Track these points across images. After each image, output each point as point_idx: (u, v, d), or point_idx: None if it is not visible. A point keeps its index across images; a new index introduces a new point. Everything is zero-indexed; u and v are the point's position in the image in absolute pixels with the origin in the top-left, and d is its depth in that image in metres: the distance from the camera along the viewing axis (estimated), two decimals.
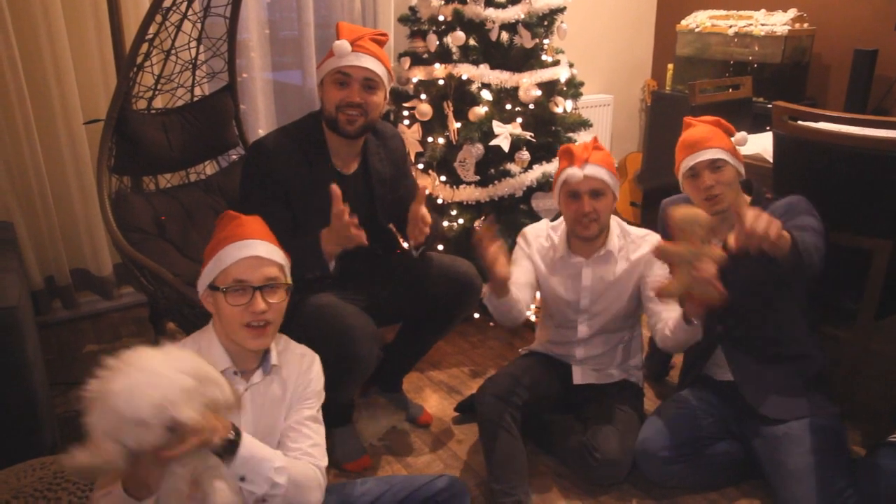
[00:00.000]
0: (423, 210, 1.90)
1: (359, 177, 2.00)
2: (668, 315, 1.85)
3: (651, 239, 2.02)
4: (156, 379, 1.09)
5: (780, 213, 1.88)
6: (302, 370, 1.48)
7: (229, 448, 1.22)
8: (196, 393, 1.13)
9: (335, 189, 1.71)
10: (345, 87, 1.84)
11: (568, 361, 2.11)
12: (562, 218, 2.08)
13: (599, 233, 1.97)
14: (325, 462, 1.45)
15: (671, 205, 2.13)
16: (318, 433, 1.47)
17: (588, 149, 1.95)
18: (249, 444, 1.26)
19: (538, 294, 2.13)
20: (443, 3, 2.74)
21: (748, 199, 1.95)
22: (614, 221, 2.04)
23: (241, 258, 1.35)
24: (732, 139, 1.94)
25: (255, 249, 1.36)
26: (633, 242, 2.02)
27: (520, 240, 2.13)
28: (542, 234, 2.11)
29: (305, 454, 1.41)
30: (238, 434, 1.24)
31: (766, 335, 1.95)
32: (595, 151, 1.94)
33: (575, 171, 1.91)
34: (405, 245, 1.99)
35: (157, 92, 2.50)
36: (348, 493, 1.57)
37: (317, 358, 1.53)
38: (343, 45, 1.81)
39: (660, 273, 1.94)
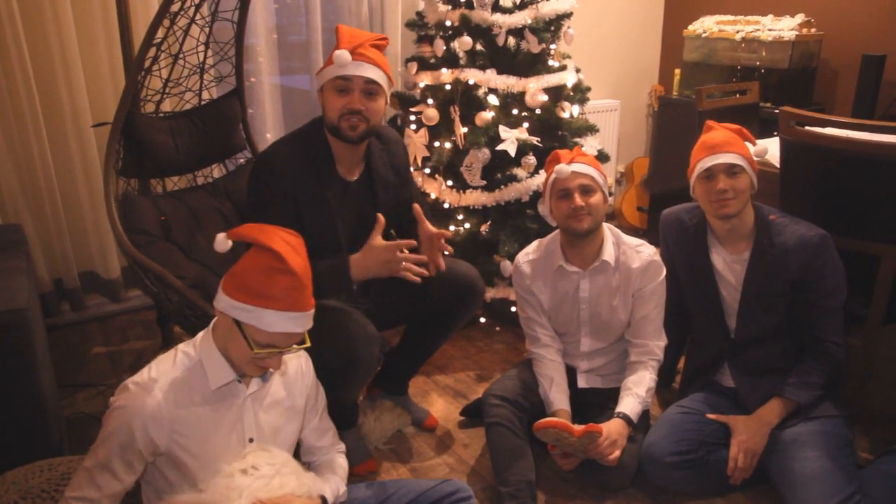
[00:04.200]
0: (433, 229, 1.91)
1: (363, 183, 2.00)
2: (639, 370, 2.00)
3: (645, 250, 2.01)
4: None
5: (791, 247, 1.87)
6: (301, 365, 1.51)
7: None
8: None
9: (380, 218, 1.81)
10: (346, 94, 1.83)
11: (573, 365, 2.11)
12: (553, 234, 2.09)
13: (595, 228, 1.95)
14: (343, 446, 1.64)
15: (669, 216, 2.13)
16: (329, 420, 1.62)
17: (574, 152, 1.98)
18: (333, 497, 1.46)
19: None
20: (450, 8, 2.76)
21: (753, 213, 1.95)
22: (608, 230, 2.03)
23: (287, 332, 1.28)
24: (752, 151, 1.94)
25: (304, 325, 1.30)
26: (627, 252, 2.02)
27: (515, 276, 2.12)
28: (531, 251, 2.11)
29: (332, 447, 1.60)
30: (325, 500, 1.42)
31: (775, 365, 1.97)
32: (580, 155, 1.97)
33: (563, 167, 1.92)
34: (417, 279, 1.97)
35: (165, 95, 2.51)
36: (353, 497, 1.57)
37: (303, 352, 1.53)
38: (343, 55, 1.79)
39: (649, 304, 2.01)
